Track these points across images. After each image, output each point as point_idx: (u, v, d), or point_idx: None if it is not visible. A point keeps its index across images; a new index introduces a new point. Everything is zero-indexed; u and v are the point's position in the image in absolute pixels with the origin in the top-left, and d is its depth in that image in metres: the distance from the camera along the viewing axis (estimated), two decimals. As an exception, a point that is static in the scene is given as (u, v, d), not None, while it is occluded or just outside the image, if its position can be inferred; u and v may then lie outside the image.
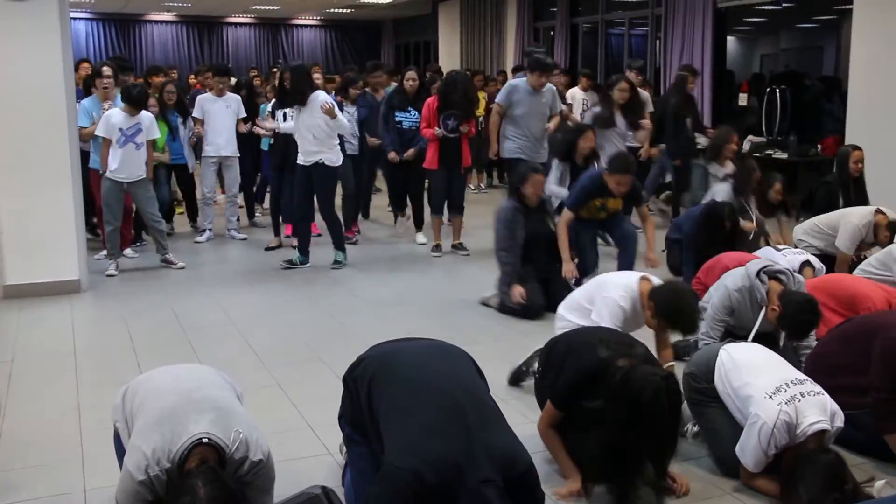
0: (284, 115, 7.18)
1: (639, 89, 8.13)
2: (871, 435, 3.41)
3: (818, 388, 3.17)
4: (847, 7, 8.87)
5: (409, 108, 7.66)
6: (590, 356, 3.09)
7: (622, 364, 2.94)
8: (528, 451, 2.51)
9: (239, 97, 8.01)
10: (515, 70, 11.13)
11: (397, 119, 7.66)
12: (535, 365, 4.22)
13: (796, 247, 5.73)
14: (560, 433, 3.22)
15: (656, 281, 3.98)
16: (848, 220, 5.61)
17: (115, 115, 6.50)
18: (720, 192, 6.36)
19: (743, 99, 10.96)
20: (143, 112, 6.63)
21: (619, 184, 5.59)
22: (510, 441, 2.49)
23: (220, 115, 7.75)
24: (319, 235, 7.69)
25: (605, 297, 4.03)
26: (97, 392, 4.13)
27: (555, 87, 7.61)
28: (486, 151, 8.86)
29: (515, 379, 4.25)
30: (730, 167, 6.85)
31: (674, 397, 2.82)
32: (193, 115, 7.90)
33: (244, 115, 7.93)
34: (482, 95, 10.63)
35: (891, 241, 5.36)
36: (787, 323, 3.99)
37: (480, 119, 10.23)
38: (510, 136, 7.23)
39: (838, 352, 3.65)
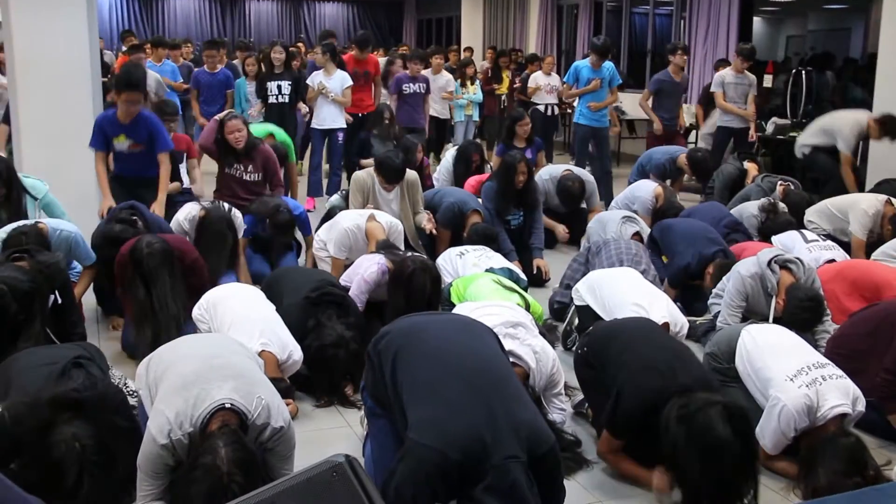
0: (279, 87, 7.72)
1: (747, 72, 8.31)
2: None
3: (840, 371, 3.16)
4: (877, -12, 8.75)
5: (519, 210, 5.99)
6: (642, 388, 2.95)
7: (678, 402, 2.78)
8: (552, 432, 2.51)
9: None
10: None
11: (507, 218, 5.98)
12: (576, 322, 4.27)
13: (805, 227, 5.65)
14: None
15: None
16: (857, 207, 5.58)
17: None
18: None
19: (768, 80, 10.82)
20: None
21: None
22: (535, 419, 2.48)
23: None
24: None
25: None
26: (118, 364, 4.16)
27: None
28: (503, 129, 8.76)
29: (565, 340, 4.40)
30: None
31: (740, 425, 2.66)
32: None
33: None
34: (506, 75, 10.55)
35: (893, 235, 5.31)
36: (789, 317, 4.01)
37: (503, 97, 10.18)
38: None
39: (860, 336, 3.65)
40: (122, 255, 4.13)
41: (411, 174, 5.73)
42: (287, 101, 7.87)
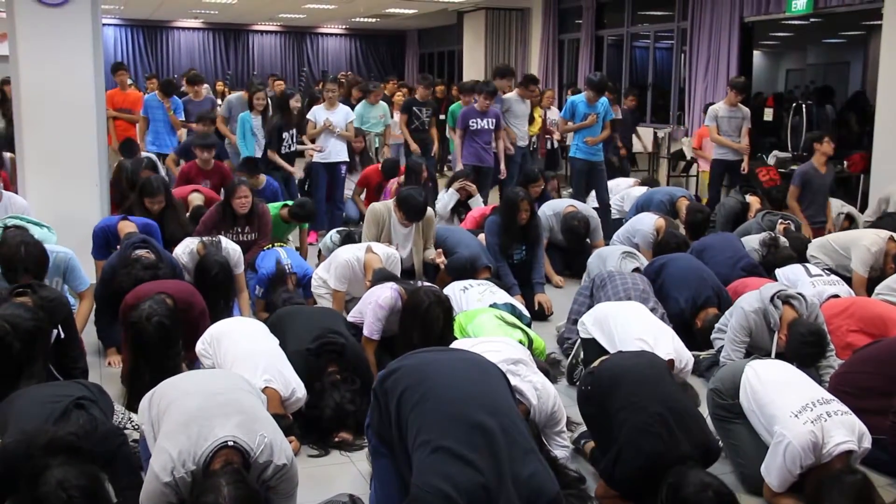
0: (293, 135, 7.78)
1: (741, 105, 8.29)
2: (897, 457, 3.39)
3: (845, 407, 3.14)
4: (876, 23, 8.82)
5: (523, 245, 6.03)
6: (642, 452, 2.91)
7: (674, 473, 2.80)
8: (556, 483, 2.51)
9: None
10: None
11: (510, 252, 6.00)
12: (581, 355, 4.24)
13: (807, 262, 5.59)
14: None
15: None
16: (859, 244, 5.54)
17: None
18: None
19: (768, 114, 10.89)
20: None
21: None
22: (539, 469, 2.47)
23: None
24: None
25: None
26: (117, 390, 4.15)
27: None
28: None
29: (571, 374, 4.37)
30: None
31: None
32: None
33: None
34: (538, 113, 10.31)
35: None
36: (791, 353, 4.00)
37: (534, 139, 10.04)
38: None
39: (866, 373, 3.62)
40: (126, 306, 4.09)
41: (428, 212, 5.73)
42: (294, 149, 7.98)
